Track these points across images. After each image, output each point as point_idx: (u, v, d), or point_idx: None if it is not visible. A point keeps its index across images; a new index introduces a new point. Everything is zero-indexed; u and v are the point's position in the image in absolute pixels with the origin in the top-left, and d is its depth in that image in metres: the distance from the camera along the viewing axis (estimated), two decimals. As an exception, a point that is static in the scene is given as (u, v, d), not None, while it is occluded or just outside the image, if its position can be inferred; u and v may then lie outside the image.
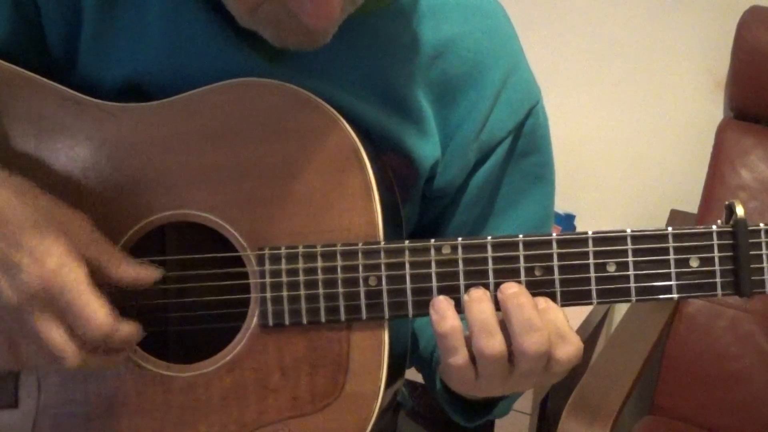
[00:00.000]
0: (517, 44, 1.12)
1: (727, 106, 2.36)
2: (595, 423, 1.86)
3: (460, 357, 0.90)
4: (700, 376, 2.10)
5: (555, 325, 0.89)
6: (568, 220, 2.51)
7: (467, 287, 0.93)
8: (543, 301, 0.90)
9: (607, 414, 1.88)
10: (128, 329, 0.91)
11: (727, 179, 2.22)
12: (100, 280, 0.91)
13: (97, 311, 0.88)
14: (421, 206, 1.13)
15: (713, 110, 2.39)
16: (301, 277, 0.95)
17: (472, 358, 0.90)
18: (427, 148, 1.06)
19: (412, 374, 1.24)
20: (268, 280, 0.96)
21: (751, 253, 0.88)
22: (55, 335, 0.88)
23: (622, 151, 2.51)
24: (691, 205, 2.34)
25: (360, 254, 0.94)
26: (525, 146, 1.11)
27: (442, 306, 0.90)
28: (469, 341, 0.90)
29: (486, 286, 0.92)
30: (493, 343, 0.88)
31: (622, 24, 2.42)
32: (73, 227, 0.92)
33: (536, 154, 1.13)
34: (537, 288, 0.91)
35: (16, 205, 0.90)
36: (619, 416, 1.90)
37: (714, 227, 0.89)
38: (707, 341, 2.12)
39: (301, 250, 0.95)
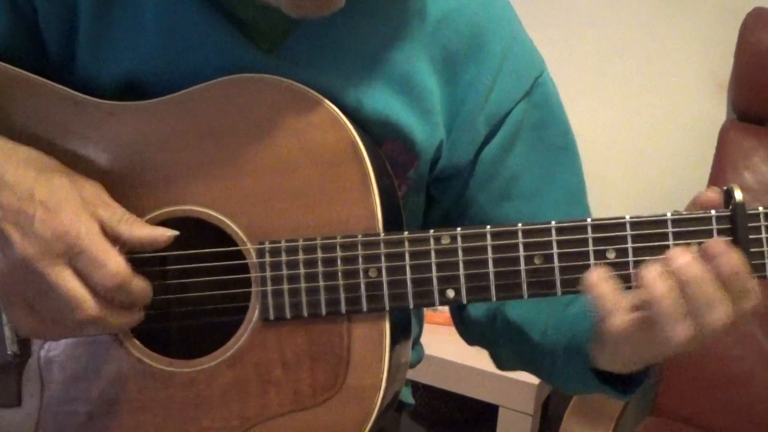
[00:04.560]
0: (514, 16, 1.12)
1: (730, 107, 2.36)
2: (597, 424, 1.86)
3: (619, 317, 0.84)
4: (702, 377, 2.10)
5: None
6: (571, 221, 2.51)
7: (467, 277, 0.93)
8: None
9: (609, 415, 1.88)
10: (142, 283, 0.93)
11: (730, 181, 2.20)
12: (113, 242, 0.92)
13: (112, 258, 0.90)
14: (435, 191, 1.13)
15: (716, 112, 2.39)
16: (302, 270, 0.95)
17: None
18: (427, 130, 1.06)
19: (413, 374, 1.23)
20: (268, 273, 0.96)
21: (750, 237, 0.87)
22: (72, 283, 0.89)
23: (624, 152, 2.50)
24: (694, 207, 2.33)
25: (360, 246, 0.94)
26: (542, 119, 1.11)
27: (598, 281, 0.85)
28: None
29: (485, 276, 0.92)
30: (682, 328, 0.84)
31: (625, 25, 2.42)
32: (85, 189, 0.94)
33: (555, 125, 1.13)
34: (536, 276, 0.91)
35: (27, 167, 0.92)
36: (621, 418, 1.90)
37: (713, 212, 0.89)
38: (709, 342, 2.11)
39: (301, 243, 0.95)
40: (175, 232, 0.95)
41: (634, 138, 2.49)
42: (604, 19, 2.44)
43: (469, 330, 1.21)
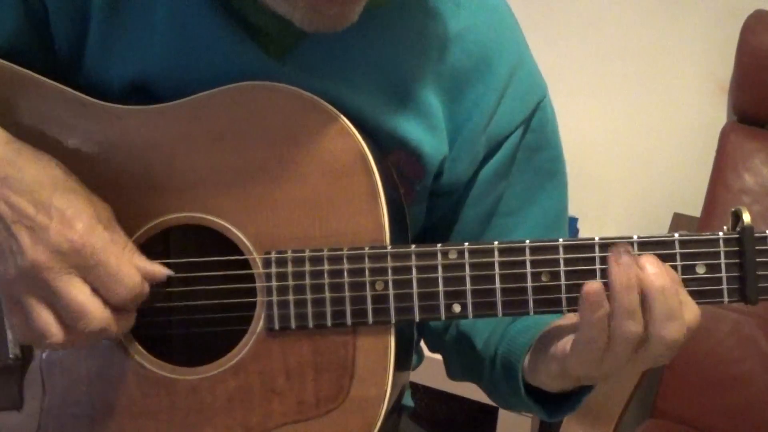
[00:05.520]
0: (522, 38, 1.13)
1: (731, 110, 2.36)
2: (597, 426, 1.86)
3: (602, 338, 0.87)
4: (702, 379, 2.10)
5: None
6: (570, 223, 2.51)
7: (473, 292, 0.93)
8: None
9: (609, 417, 1.88)
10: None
11: (731, 183, 2.22)
12: None
13: (128, 270, 0.91)
14: (430, 204, 1.13)
15: (717, 114, 2.39)
16: (308, 281, 0.95)
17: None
18: (434, 144, 1.06)
19: (413, 376, 1.24)
20: (274, 283, 0.96)
21: (757, 260, 0.88)
22: (81, 293, 0.89)
23: (625, 155, 2.51)
24: (694, 209, 2.33)
25: (366, 258, 0.94)
26: (536, 142, 1.12)
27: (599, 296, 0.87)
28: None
29: (492, 292, 0.92)
30: (635, 327, 0.86)
31: (625, 28, 2.42)
32: (98, 207, 0.94)
33: (547, 149, 1.13)
34: (543, 293, 0.92)
35: (49, 173, 0.92)
36: (620, 420, 1.90)
37: (721, 234, 0.89)
38: (709, 345, 2.11)
39: (307, 253, 0.95)
40: (170, 272, 0.96)
41: (635, 140, 2.49)
42: (605, 20, 2.44)
43: (427, 337, 1.23)
